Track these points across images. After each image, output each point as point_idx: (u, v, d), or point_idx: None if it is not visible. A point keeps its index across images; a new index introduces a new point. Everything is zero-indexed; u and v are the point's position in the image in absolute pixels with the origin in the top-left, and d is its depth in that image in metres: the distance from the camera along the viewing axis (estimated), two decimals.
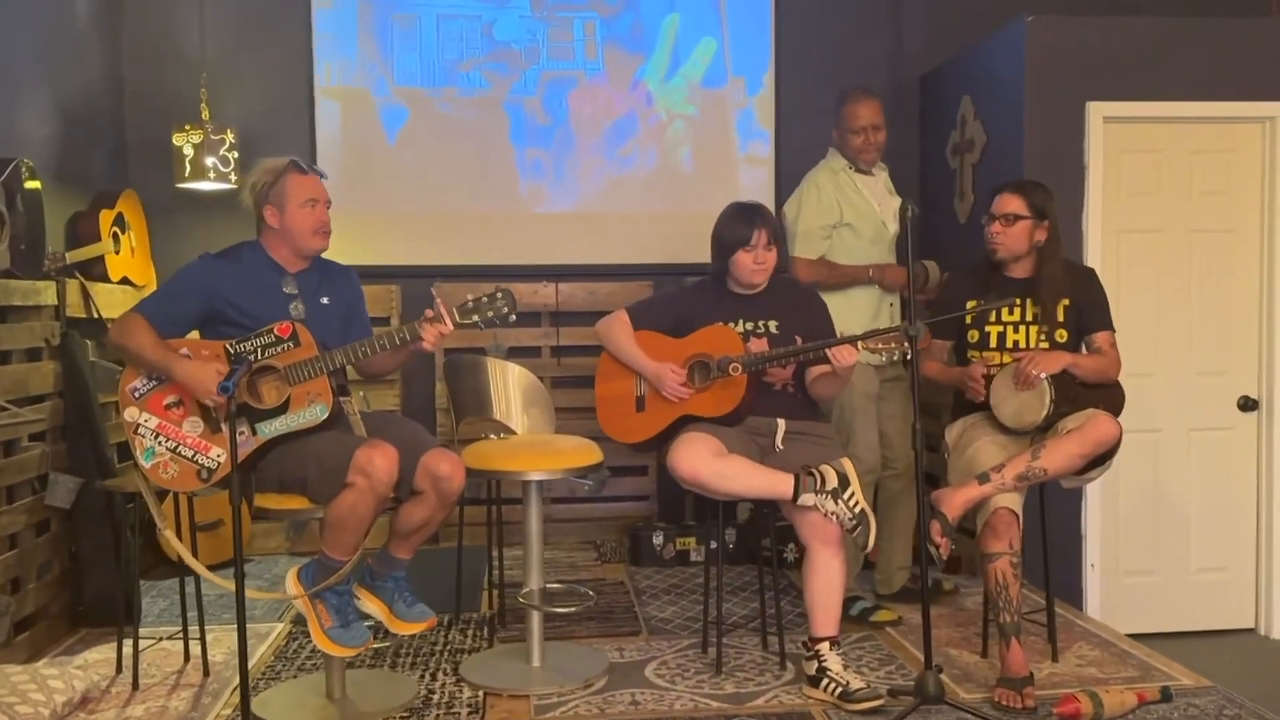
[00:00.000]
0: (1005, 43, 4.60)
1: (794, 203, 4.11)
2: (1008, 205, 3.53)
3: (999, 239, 3.54)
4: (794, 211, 4.08)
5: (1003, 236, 3.53)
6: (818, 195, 4.04)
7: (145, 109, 5.16)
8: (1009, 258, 3.55)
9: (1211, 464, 4.63)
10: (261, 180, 3.18)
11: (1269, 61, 4.49)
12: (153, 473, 3.01)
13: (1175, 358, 4.58)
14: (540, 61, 5.35)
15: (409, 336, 3.04)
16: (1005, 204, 3.54)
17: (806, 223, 4.02)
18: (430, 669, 3.57)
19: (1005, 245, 3.54)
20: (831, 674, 3.22)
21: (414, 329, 3.04)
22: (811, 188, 4.07)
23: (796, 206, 4.08)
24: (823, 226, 4.01)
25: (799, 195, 4.10)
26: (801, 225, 4.03)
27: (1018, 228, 3.52)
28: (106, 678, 3.50)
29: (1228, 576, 4.66)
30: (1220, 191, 4.58)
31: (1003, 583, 3.27)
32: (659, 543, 4.84)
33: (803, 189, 4.11)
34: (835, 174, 4.09)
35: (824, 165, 4.14)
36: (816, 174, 4.12)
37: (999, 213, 3.55)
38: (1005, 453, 3.40)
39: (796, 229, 4.04)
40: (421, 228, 5.31)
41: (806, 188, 4.09)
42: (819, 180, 4.08)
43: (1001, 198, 3.56)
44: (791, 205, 4.12)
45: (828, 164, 4.14)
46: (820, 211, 4.02)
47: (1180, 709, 3.15)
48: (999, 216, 3.54)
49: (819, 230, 4.01)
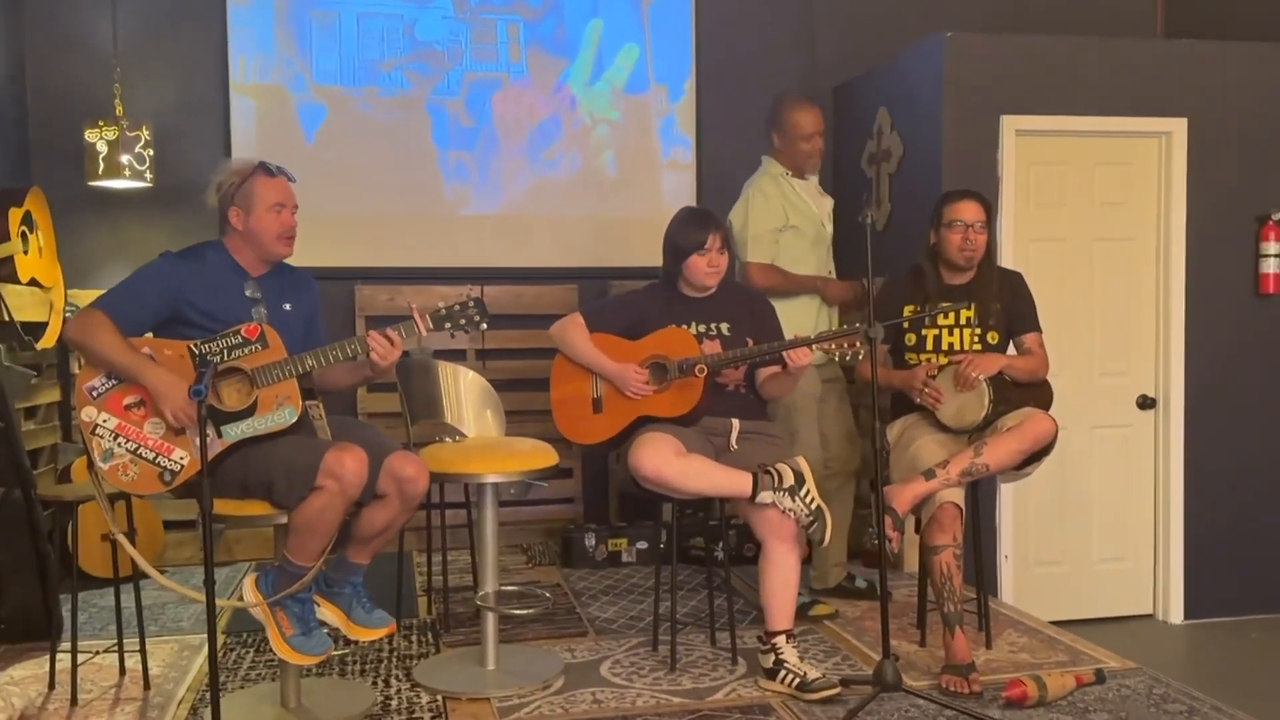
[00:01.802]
0: (923, 57, 4.79)
1: (740, 211, 4.18)
2: (975, 213, 3.67)
3: (973, 245, 3.66)
4: (741, 219, 4.16)
5: (975, 243, 3.66)
6: (764, 201, 4.13)
7: (51, 104, 4.96)
8: (975, 263, 3.69)
9: (1112, 460, 4.91)
10: (228, 181, 3.10)
11: (1167, 79, 4.79)
12: (111, 475, 2.90)
13: (1079, 359, 4.84)
14: (463, 63, 5.33)
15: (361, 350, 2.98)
16: (973, 212, 3.67)
17: (756, 228, 4.11)
18: (382, 675, 3.53)
19: (979, 251, 3.68)
20: (789, 666, 3.31)
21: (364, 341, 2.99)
22: (758, 194, 4.16)
23: (744, 214, 4.16)
24: (771, 231, 4.11)
25: (745, 203, 4.18)
26: (752, 230, 4.11)
27: (984, 235, 3.67)
28: (41, 694, 3.36)
29: (1127, 566, 4.95)
30: (1121, 202, 4.86)
31: (947, 574, 3.42)
32: (591, 544, 4.88)
33: (748, 196, 4.18)
34: (776, 180, 4.19)
35: (764, 172, 4.23)
36: (759, 181, 4.21)
37: (969, 220, 3.67)
38: (946, 450, 3.55)
39: (746, 235, 4.12)
40: (342, 229, 5.23)
41: (752, 195, 4.17)
42: (763, 187, 4.17)
43: (967, 205, 3.68)
44: (738, 213, 4.19)
45: (767, 171, 4.23)
46: (768, 216, 4.12)
47: (1114, 689, 3.34)
48: (971, 224, 3.67)
49: (768, 235, 4.10)
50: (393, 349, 3.02)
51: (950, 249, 3.70)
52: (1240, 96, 4.86)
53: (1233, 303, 4.90)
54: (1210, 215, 4.84)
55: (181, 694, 3.39)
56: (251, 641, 3.87)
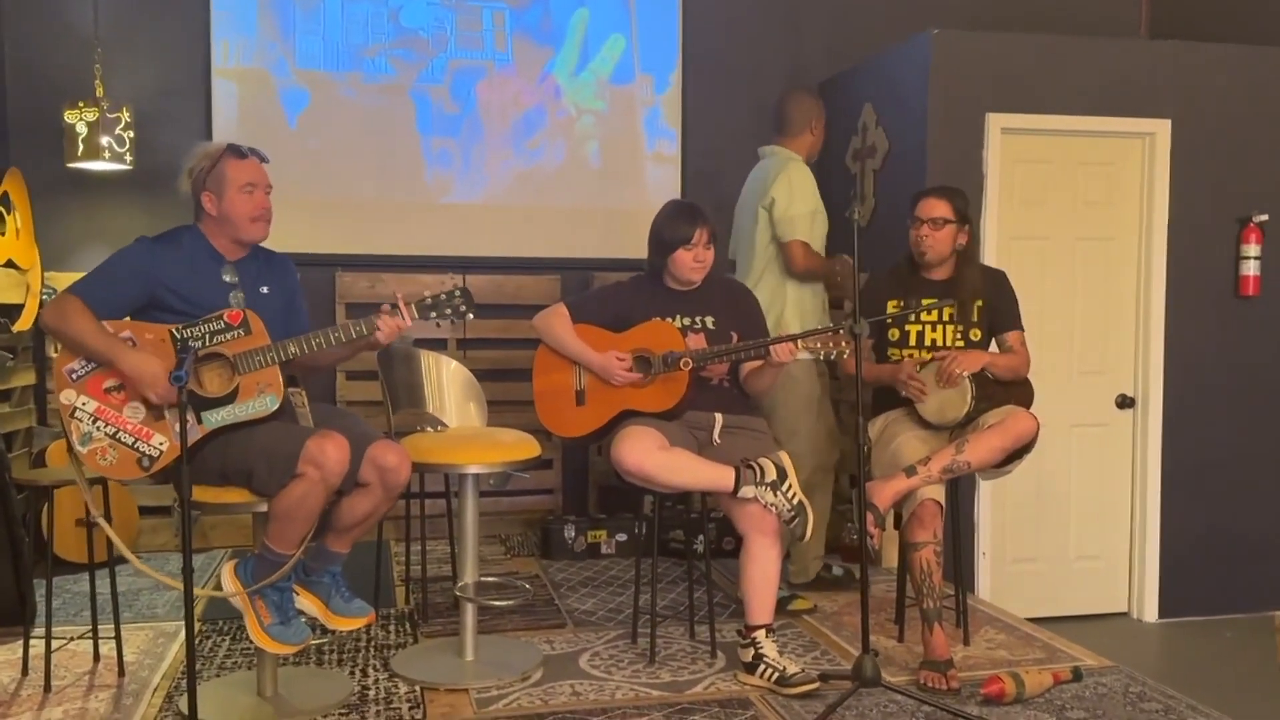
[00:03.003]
0: (909, 54, 4.79)
1: (784, 188, 4.14)
2: (935, 210, 3.68)
3: (928, 242, 3.68)
4: (786, 195, 4.12)
5: (931, 240, 3.67)
6: (806, 182, 4.15)
7: (30, 84, 4.90)
8: (936, 260, 3.71)
9: (1090, 458, 4.93)
10: (199, 165, 3.07)
11: (1152, 80, 4.81)
12: (89, 459, 2.87)
13: (1059, 357, 4.85)
14: (448, 50, 5.30)
15: (365, 330, 2.98)
16: (933, 208, 3.69)
17: (802, 206, 4.10)
18: (359, 665, 3.51)
19: (934, 248, 3.68)
20: (768, 660, 3.31)
21: (371, 323, 2.99)
22: (800, 173, 4.16)
23: (788, 190, 4.12)
24: (811, 212, 4.11)
25: (788, 181, 4.14)
26: (798, 208, 4.10)
27: (945, 231, 3.67)
28: (14, 680, 3.33)
29: (1103, 564, 4.98)
30: (1103, 202, 4.88)
31: (927, 570, 3.43)
32: (570, 536, 4.86)
33: (791, 175, 4.15)
34: (803, 166, 4.21)
35: (790, 158, 4.23)
36: (795, 164, 4.20)
37: (926, 216, 3.69)
38: (928, 447, 3.56)
39: (792, 211, 4.10)
40: (323, 215, 5.20)
41: (796, 174, 4.16)
42: (801, 169, 4.18)
43: (928, 202, 3.70)
44: (780, 189, 4.13)
45: (793, 157, 4.23)
46: (811, 197, 4.14)
47: (1090, 687, 3.36)
48: (927, 220, 3.68)
49: (809, 215, 4.11)
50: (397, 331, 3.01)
51: (911, 244, 3.73)
52: (1224, 99, 4.88)
53: (1213, 304, 4.93)
54: (1192, 216, 4.87)
55: (157, 681, 3.36)
56: (228, 629, 3.85)
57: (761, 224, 4.19)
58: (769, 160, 4.30)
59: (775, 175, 4.18)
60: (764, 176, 4.25)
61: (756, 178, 4.32)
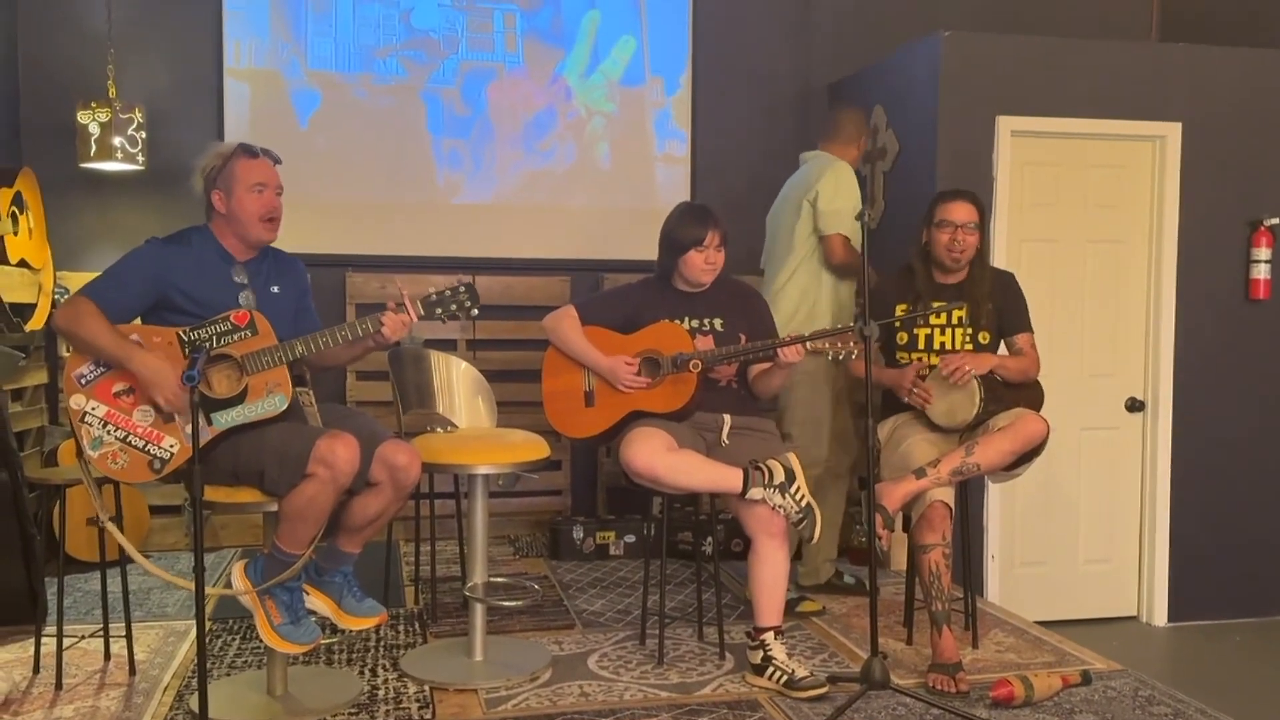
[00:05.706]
0: (919, 56, 4.79)
1: (830, 183, 4.15)
2: (966, 213, 3.66)
3: (960, 246, 3.65)
4: (831, 190, 4.13)
5: (964, 244, 3.65)
6: (853, 180, 4.17)
7: (43, 84, 4.92)
8: (965, 264, 3.69)
9: (1100, 461, 4.92)
10: (210, 164, 3.08)
11: (1162, 83, 4.80)
12: (100, 463, 2.88)
13: (1068, 360, 4.84)
14: (459, 51, 5.31)
15: (371, 328, 2.99)
16: (965, 213, 3.66)
17: (845, 202, 4.12)
18: (368, 665, 3.52)
19: (966, 253, 3.67)
20: (777, 662, 3.31)
21: (376, 321, 3.00)
22: (847, 174, 4.18)
23: (834, 186, 4.14)
24: (854, 208, 4.11)
25: (835, 177, 4.16)
26: (841, 204, 4.12)
27: (975, 235, 3.67)
28: (25, 678, 3.35)
29: (1113, 567, 4.97)
30: (1113, 205, 4.87)
31: (935, 572, 3.43)
32: (579, 537, 4.87)
33: (838, 173, 4.17)
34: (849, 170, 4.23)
35: (840, 161, 4.24)
36: (844, 165, 4.22)
37: (960, 221, 3.65)
38: (937, 449, 3.56)
39: (836, 205, 4.11)
40: (334, 216, 5.21)
41: (842, 173, 4.17)
42: (849, 170, 4.20)
43: (957, 205, 3.67)
44: (828, 185, 4.15)
45: (841, 161, 4.25)
46: (855, 195, 4.15)
47: (1099, 691, 3.36)
48: (960, 225, 3.66)
49: (851, 211, 4.10)
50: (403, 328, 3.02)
51: (938, 249, 3.70)
52: (1235, 102, 4.87)
53: (1223, 308, 4.92)
54: (1202, 220, 4.86)
55: (167, 680, 3.38)
56: (238, 629, 3.86)
57: (804, 217, 4.19)
58: (812, 162, 4.32)
59: (821, 172, 4.20)
60: (807, 174, 4.28)
61: (797, 177, 4.35)
